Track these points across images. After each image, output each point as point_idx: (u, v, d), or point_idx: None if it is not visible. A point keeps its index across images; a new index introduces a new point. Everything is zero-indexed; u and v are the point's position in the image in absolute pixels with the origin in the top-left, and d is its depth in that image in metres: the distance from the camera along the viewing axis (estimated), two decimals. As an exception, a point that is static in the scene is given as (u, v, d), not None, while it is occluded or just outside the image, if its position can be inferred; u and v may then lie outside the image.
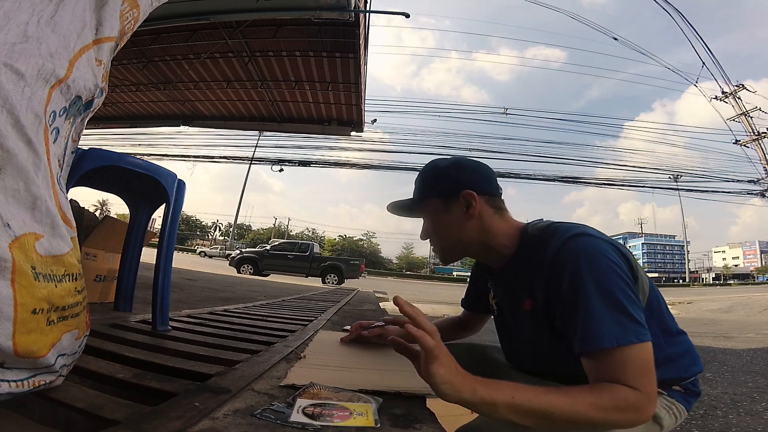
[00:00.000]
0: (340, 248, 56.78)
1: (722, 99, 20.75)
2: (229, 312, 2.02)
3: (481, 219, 0.78)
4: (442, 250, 0.83)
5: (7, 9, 0.59)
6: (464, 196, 0.77)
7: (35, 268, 0.59)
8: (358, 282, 11.80)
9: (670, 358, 0.72)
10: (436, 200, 0.80)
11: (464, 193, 0.77)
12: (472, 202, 0.77)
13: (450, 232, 0.80)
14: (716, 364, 2.71)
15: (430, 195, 0.82)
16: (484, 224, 0.78)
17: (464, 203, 0.77)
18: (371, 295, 5.32)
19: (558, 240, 0.67)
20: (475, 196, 0.77)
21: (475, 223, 0.78)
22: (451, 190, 0.78)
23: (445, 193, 0.79)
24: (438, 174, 0.82)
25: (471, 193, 0.77)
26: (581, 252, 0.64)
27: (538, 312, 0.71)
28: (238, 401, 0.63)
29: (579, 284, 0.61)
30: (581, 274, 0.62)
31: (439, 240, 0.82)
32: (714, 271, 65.94)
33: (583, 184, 24.48)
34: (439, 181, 0.81)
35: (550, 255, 0.67)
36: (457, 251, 0.82)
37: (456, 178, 0.80)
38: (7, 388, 0.56)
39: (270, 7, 3.57)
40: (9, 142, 0.56)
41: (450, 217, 0.79)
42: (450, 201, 0.79)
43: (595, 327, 0.58)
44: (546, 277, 0.67)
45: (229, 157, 20.36)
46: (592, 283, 0.60)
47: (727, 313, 6.98)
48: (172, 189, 1.50)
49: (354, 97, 5.37)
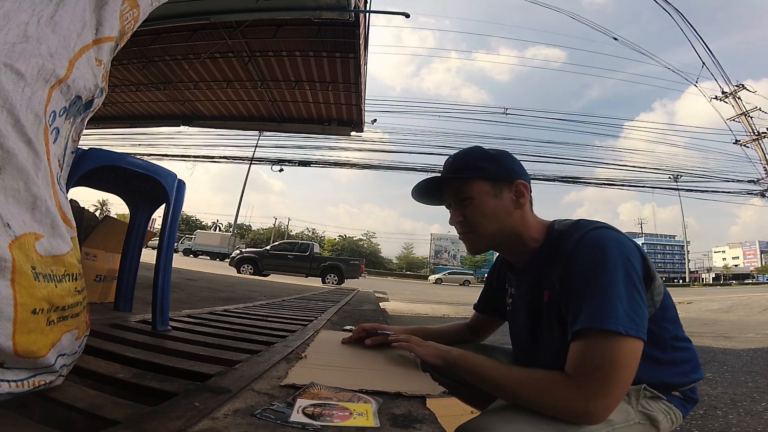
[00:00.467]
0: (340, 248, 56.79)
1: (722, 99, 20.74)
2: (229, 312, 2.02)
3: (524, 211, 0.78)
4: (481, 237, 0.79)
5: (7, 9, 0.59)
6: (518, 185, 0.77)
7: (35, 268, 0.59)
8: (358, 282, 11.80)
9: (674, 362, 0.72)
10: (485, 183, 0.77)
11: (519, 182, 0.77)
12: (525, 193, 0.77)
13: (496, 217, 0.77)
14: (716, 364, 2.71)
15: (480, 176, 0.77)
16: (525, 217, 0.78)
17: (515, 192, 0.77)
18: (371, 295, 5.32)
19: (579, 232, 0.69)
20: (528, 188, 0.78)
21: (519, 214, 0.78)
22: (506, 176, 0.78)
23: (498, 177, 0.77)
24: (489, 157, 0.79)
25: (524, 183, 0.78)
26: (600, 241, 0.65)
27: (553, 303, 0.71)
28: (238, 401, 0.63)
29: (592, 268, 0.63)
30: (596, 259, 0.63)
31: (482, 224, 0.77)
32: (714, 271, 65.94)
33: (583, 184, 24.52)
34: (492, 164, 0.78)
35: (570, 245, 0.68)
36: (494, 240, 0.79)
37: (510, 165, 0.79)
38: (7, 388, 0.56)
39: (270, 7, 3.58)
40: (9, 142, 0.56)
41: (499, 202, 0.77)
42: (502, 186, 0.77)
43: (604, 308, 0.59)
44: (564, 266, 0.68)
45: (229, 157, 20.36)
46: (604, 268, 0.62)
47: (727, 313, 6.99)
48: (172, 189, 1.50)
49: (354, 97, 5.37)
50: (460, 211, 0.80)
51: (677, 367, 0.72)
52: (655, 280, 0.69)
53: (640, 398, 0.68)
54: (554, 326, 0.71)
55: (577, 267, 0.65)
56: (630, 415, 0.66)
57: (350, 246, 58.46)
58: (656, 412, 0.68)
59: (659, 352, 0.70)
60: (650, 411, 0.67)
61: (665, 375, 0.71)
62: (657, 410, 0.68)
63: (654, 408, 0.68)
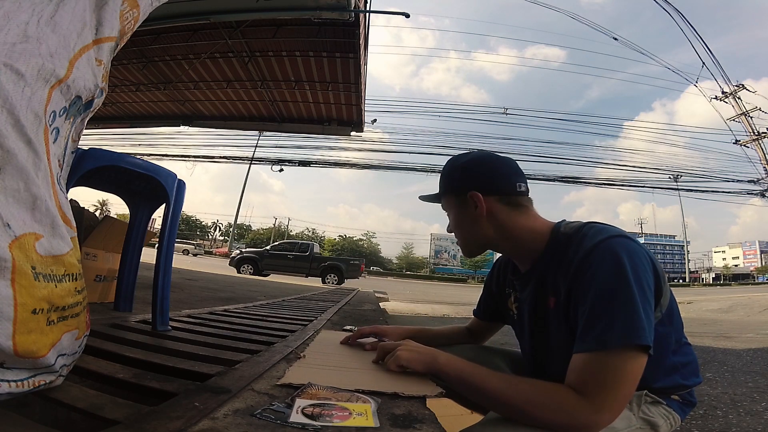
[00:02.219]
0: (340, 248, 56.78)
1: (722, 99, 20.76)
2: (229, 312, 2.02)
3: (495, 217, 0.78)
4: (462, 245, 0.85)
5: (7, 9, 0.59)
6: (471, 196, 0.79)
7: (35, 268, 0.59)
8: (358, 282, 11.80)
9: (675, 367, 0.72)
10: (451, 197, 0.83)
11: (470, 194, 0.79)
12: (478, 203, 0.78)
13: (466, 227, 0.82)
14: (716, 364, 2.71)
15: (446, 191, 0.85)
16: (499, 222, 0.78)
17: (472, 204, 0.79)
18: (371, 295, 5.32)
19: (591, 240, 0.66)
20: (480, 197, 0.78)
21: (488, 221, 0.78)
22: (460, 189, 0.81)
23: (456, 191, 0.82)
24: (451, 171, 0.84)
25: (475, 194, 0.78)
26: (615, 253, 0.63)
27: (559, 311, 0.70)
28: (238, 401, 0.63)
29: (607, 281, 0.61)
30: (611, 272, 0.61)
31: (459, 234, 0.85)
32: (714, 271, 65.93)
33: (583, 184, 24.51)
34: (451, 179, 0.83)
35: (582, 254, 0.65)
36: (476, 246, 0.83)
37: (464, 177, 0.81)
38: (7, 388, 0.56)
39: (270, 7, 3.58)
40: (9, 142, 0.56)
41: (464, 213, 0.81)
42: (461, 199, 0.80)
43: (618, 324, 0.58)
44: (573, 274, 0.66)
45: (229, 157, 20.38)
46: (619, 283, 0.60)
47: (727, 313, 6.98)
48: (172, 189, 1.50)
49: (354, 97, 5.37)
50: (449, 221, 0.87)
51: (679, 371, 0.73)
52: (664, 291, 0.67)
53: (642, 404, 0.68)
54: (561, 334, 0.69)
55: (591, 278, 0.63)
56: (631, 422, 0.66)
57: (350, 246, 58.47)
58: (656, 417, 0.68)
59: (663, 358, 0.70)
60: (651, 417, 0.68)
61: (667, 380, 0.71)
62: (657, 415, 0.69)
63: (654, 413, 0.68)
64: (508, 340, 0.91)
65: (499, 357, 0.97)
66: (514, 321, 0.88)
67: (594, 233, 0.67)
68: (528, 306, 0.80)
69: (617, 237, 0.65)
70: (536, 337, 0.79)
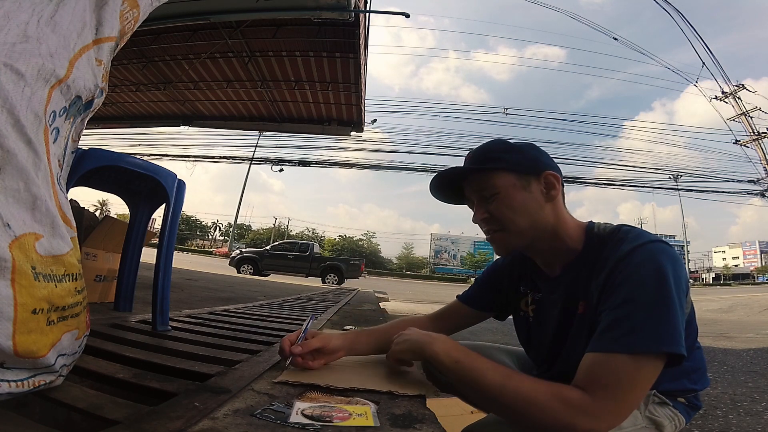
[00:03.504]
0: (340, 248, 56.78)
1: (722, 99, 20.76)
2: (229, 312, 2.02)
3: (557, 205, 0.72)
4: (512, 235, 0.71)
5: (7, 9, 0.59)
6: (547, 176, 0.71)
7: (35, 268, 0.59)
8: (358, 282, 11.79)
9: (685, 371, 0.71)
10: (511, 175, 0.70)
11: (548, 173, 0.71)
12: (555, 185, 0.71)
13: (527, 211, 0.70)
14: (716, 364, 2.71)
15: (505, 167, 0.71)
16: (558, 211, 0.72)
17: (544, 184, 0.71)
18: (371, 295, 5.31)
19: (631, 243, 0.62)
20: (559, 179, 0.72)
21: (551, 208, 0.71)
22: (533, 167, 0.71)
23: (524, 169, 0.71)
24: (512, 148, 0.73)
25: (555, 174, 0.71)
26: (655, 255, 0.60)
27: (588, 315, 0.65)
28: (238, 401, 0.63)
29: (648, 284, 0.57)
30: (651, 277, 0.58)
31: (512, 219, 0.70)
32: (714, 271, 65.90)
33: (583, 184, 24.48)
34: (516, 155, 0.72)
35: (619, 255, 0.62)
36: (527, 237, 0.72)
37: (536, 156, 0.73)
38: (7, 388, 0.56)
39: (270, 7, 3.58)
40: (9, 142, 0.56)
41: (529, 195, 0.70)
42: (529, 178, 0.71)
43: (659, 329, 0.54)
44: (607, 275, 0.62)
45: (229, 157, 20.40)
46: (661, 288, 0.57)
47: (727, 313, 6.99)
48: (172, 189, 1.50)
49: (354, 97, 5.37)
50: (485, 207, 0.72)
51: (689, 376, 0.72)
52: (689, 298, 0.65)
53: (649, 404, 0.68)
54: (582, 338, 0.65)
55: (626, 279, 0.59)
56: (637, 420, 0.66)
57: (350, 246, 58.46)
58: (662, 417, 0.68)
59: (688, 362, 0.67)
60: (657, 417, 0.67)
61: (676, 383, 0.70)
62: (663, 416, 0.68)
63: (660, 414, 0.68)
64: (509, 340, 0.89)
65: (506, 355, 0.95)
66: (525, 321, 0.83)
67: (633, 237, 0.64)
68: (555, 309, 0.74)
69: (658, 242, 0.62)
70: (556, 340, 0.73)
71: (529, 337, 0.83)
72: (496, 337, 0.91)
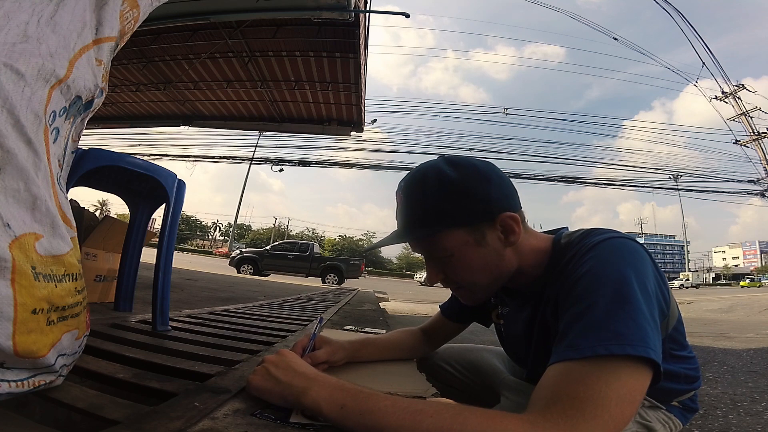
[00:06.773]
0: (340, 248, 56.79)
1: (722, 99, 20.77)
2: (229, 312, 2.02)
3: (518, 244, 0.62)
4: (475, 292, 0.66)
5: (7, 9, 0.59)
6: (503, 220, 0.60)
7: (35, 268, 0.59)
8: (358, 282, 11.80)
9: (677, 374, 0.68)
10: (461, 231, 0.60)
11: (503, 216, 0.60)
12: (514, 227, 0.60)
13: (487, 268, 0.62)
14: (716, 364, 2.71)
15: (451, 224, 0.59)
16: (520, 249, 0.63)
17: (501, 229, 0.60)
18: (371, 295, 5.31)
19: (590, 242, 0.57)
20: (517, 218, 0.60)
21: (512, 251, 0.62)
22: (484, 213, 0.60)
23: (475, 218, 0.60)
24: (453, 191, 0.60)
25: (513, 215, 0.60)
26: (611, 248, 0.54)
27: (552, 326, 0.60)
28: (238, 401, 0.63)
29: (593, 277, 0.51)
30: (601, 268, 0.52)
31: (471, 279, 0.63)
32: (714, 271, 65.94)
33: (583, 184, 24.52)
34: (462, 202, 0.59)
35: (576, 260, 0.56)
36: (493, 287, 0.66)
37: (486, 194, 0.60)
38: (7, 388, 0.56)
39: (270, 7, 3.58)
40: (9, 142, 0.56)
41: (485, 249, 0.60)
42: (482, 228, 0.60)
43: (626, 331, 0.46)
44: (563, 283, 0.56)
45: (229, 157, 20.37)
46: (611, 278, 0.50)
47: (727, 313, 6.99)
48: (172, 189, 1.50)
49: (354, 97, 5.37)
50: (438, 267, 0.64)
51: (680, 378, 0.69)
52: (671, 297, 0.60)
53: (639, 408, 0.65)
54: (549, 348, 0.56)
55: (579, 277, 0.53)
56: (627, 426, 0.64)
57: (350, 246, 58.45)
58: (654, 422, 0.65)
59: (668, 366, 0.64)
60: (648, 421, 0.64)
61: (669, 387, 0.67)
62: (655, 420, 0.65)
63: (652, 418, 0.65)
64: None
65: (497, 358, 0.95)
66: (498, 330, 0.82)
67: (594, 235, 0.59)
68: (521, 324, 0.71)
69: (619, 238, 0.57)
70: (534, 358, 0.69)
71: (505, 345, 0.82)
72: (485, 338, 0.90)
